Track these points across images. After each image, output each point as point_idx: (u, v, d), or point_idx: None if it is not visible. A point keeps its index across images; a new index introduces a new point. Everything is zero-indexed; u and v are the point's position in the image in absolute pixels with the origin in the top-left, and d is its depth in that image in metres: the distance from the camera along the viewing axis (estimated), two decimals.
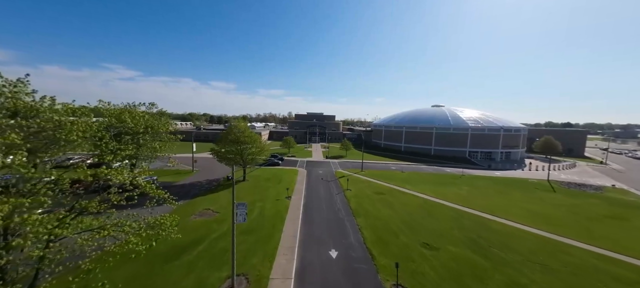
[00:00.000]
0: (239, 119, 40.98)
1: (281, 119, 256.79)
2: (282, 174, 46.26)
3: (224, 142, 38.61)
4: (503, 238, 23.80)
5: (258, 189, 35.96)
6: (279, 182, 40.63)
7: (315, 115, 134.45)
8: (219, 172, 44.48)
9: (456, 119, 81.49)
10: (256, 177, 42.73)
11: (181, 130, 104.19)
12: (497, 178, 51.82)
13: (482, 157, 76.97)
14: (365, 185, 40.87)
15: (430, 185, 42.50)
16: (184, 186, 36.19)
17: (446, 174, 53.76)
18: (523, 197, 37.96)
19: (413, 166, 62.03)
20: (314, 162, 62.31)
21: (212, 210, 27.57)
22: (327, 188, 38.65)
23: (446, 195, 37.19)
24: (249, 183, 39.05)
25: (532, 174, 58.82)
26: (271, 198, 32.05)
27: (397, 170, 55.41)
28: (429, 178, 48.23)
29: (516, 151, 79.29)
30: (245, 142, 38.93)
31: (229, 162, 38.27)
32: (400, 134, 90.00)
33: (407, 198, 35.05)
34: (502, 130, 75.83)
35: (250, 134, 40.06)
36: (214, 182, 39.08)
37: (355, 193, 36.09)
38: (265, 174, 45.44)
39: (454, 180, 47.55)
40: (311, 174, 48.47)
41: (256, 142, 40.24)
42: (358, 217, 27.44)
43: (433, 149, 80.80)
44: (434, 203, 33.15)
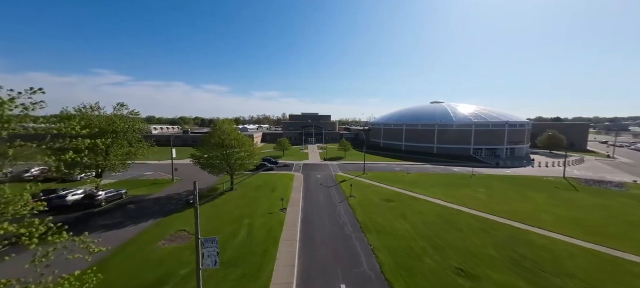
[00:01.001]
0: (225, 120, 35.41)
1: (275, 120, 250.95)
2: (276, 180, 41.10)
3: (207, 146, 33.23)
4: (549, 255, 19.32)
5: (247, 201, 30.73)
6: (272, 190, 35.47)
7: (310, 115, 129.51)
8: (204, 181, 39.01)
9: (458, 115, 77.80)
10: (246, 186, 37.45)
11: (165, 135, 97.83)
12: (510, 177, 47.84)
13: (486, 154, 73.42)
14: (371, 191, 36.10)
15: (442, 188, 38.05)
16: (158, 200, 30.64)
17: (455, 174, 49.53)
18: (548, 200, 33.83)
19: (418, 166, 57.68)
20: (310, 165, 57.31)
21: (188, 231, 22.24)
22: (327, 196, 33.71)
23: (463, 199, 32.76)
24: (236, 193, 33.75)
25: (544, 171, 55.21)
26: (262, 212, 26.90)
27: (402, 171, 50.91)
28: (439, 180, 43.84)
29: (521, 147, 76.04)
30: (232, 146, 33.67)
31: (212, 169, 32.93)
32: (400, 132, 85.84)
33: (420, 205, 30.41)
34: (507, 125, 72.42)
35: (237, 136, 34.82)
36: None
37: (361, 201, 31.28)
38: (256, 181, 40.19)
39: (465, 181, 43.29)
40: (309, 179, 43.47)
41: (245, 145, 35.00)
42: (368, 233, 22.58)
43: (435, 147, 76.88)
44: (453, 211, 28.59)
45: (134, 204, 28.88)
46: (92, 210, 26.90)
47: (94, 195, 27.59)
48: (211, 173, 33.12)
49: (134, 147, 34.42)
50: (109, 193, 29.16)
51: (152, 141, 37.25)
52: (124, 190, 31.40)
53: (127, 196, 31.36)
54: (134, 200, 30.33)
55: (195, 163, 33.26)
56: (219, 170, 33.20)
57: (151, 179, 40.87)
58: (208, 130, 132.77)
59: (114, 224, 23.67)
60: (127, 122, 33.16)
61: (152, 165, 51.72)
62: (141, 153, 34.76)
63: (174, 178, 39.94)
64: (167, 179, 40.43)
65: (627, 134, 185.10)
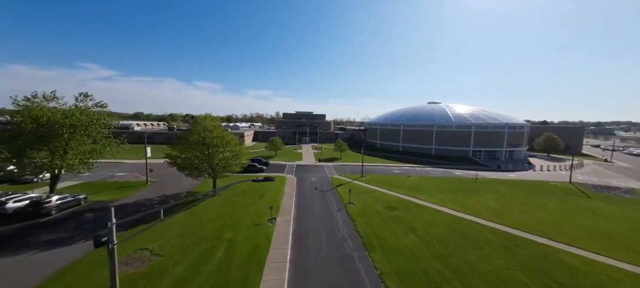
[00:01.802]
0: (207, 115, 30.97)
1: (269, 119, 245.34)
2: (266, 184, 36.92)
3: (185, 145, 28.80)
4: (590, 283, 16.07)
5: (231, 209, 26.53)
6: (260, 195, 31.35)
7: (305, 114, 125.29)
8: (183, 185, 34.51)
9: (458, 116, 75.38)
10: (231, 189, 33.18)
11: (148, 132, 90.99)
12: (516, 182, 45.21)
13: (485, 156, 71.23)
14: (371, 197, 32.48)
15: (448, 194, 34.81)
16: (124, 207, 26.04)
17: (458, 178, 46.57)
18: (563, 207, 31.05)
19: (418, 169, 54.54)
20: (305, 167, 53.33)
21: (150, 251, 17.92)
22: (323, 203, 29.87)
23: (473, 207, 29.56)
24: (219, 199, 29.47)
25: (547, 175, 53.07)
26: (247, 224, 22.80)
27: (402, 174, 47.61)
28: (442, 184, 40.68)
29: (520, 150, 74.25)
30: (215, 145, 29.38)
31: (191, 171, 28.55)
32: (397, 132, 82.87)
33: (428, 214, 26.96)
34: (507, 127, 70.41)
35: (221, 133, 30.52)
36: (172, 199, 29.15)
37: (361, 209, 27.59)
38: (244, 185, 35.90)
39: (470, 186, 40.28)
40: (302, 182, 39.51)
41: (230, 145, 30.77)
42: (373, 251, 18.86)
43: (434, 149, 74.21)
44: (466, 222, 25.24)
45: (93, 213, 24.25)
46: (38, 221, 22.16)
47: (41, 202, 22.83)
48: (190, 176, 28.73)
49: (99, 144, 29.66)
50: (63, 199, 24.41)
51: (123, 138, 32.47)
52: (83, 196, 26.63)
53: (87, 202, 26.60)
54: (94, 207, 25.64)
55: (171, 164, 28.76)
56: (199, 173, 28.85)
57: (122, 181, 35.98)
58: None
59: (60, 240, 19.11)
60: (90, 116, 28.35)
61: (128, 165, 46.61)
62: (108, 152, 30.01)
63: (148, 180, 35.19)
64: (140, 181, 35.64)
65: (613, 138, 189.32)
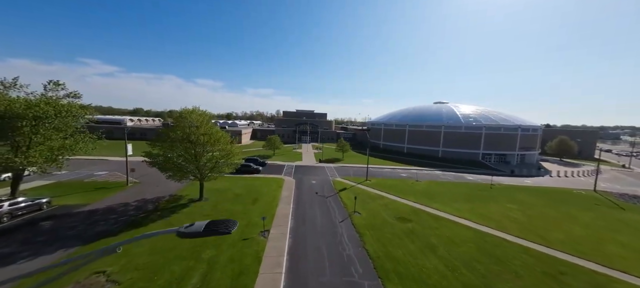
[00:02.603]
0: (194, 109, 27.08)
1: (269, 117, 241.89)
2: (261, 187, 33.26)
3: (166, 142, 25.04)
4: None
5: (217, 216, 22.81)
6: (253, 201, 27.63)
7: (306, 112, 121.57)
8: (167, 187, 30.79)
9: (467, 116, 71.48)
10: (222, 193, 29.49)
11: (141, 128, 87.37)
12: (536, 189, 41.38)
13: (495, 159, 67.38)
14: (379, 204, 28.72)
15: (465, 203, 31.05)
16: (93, 213, 22.35)
17: (471, 184, 42.78)
18: (599, 221, 27.25)
19: (426, 172, 50.76)
20: (304, 168, 49.60)
21: (108, 275, 14.18)
22: (325, 211, 26.14)
23: (496, 219, 25.80)
24: (206, 205, 25.75)
25: (565, 182, 49.21)
26: (234, 238, 19.08)
27: (410, 178, 43.84)
28: (456, 191, 36.88)
29: (532, 153, 70.32)
30: (203, 143, 25.62)
31: (174, 173, 24.83)
32: (402, 133, 79.03)
33: (447, 228, 23.19)
34: (520, 129, 66.49)
35: (211, 130, 26.75)
36: (151, 204, 25.43)
37: (369, 220, 23.85)
38: (237, 187, 32.24)
39: (487, 193, 36.49)
40: (301, 186, 35.77)
41: (220, 142, 27.01)
42: (387, 279, 15.13)
43: (441, 151, 70.34)
44: (493, 239, 21.46)
45: (53, 221, 20.57)
46: None
47: None
48: (172, 178, 24.99)
49: (70, 140, 25.95)
50: (17, 204, 20.73)
51: (100, 132, 28.82)
52: (47, 199, 22.94)
53: (50, 207, 22.90)
54: (57, 213, 21.96)
55: (150, 164, 25.02)
56: (183, 175, 25.10)
57: (100, 182, 32.32)
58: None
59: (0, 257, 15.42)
60: (58, 107, 24.62)
61: (112, 163, 42.91)
62: (80, 148, 26.30)
63: (128, 181, 31.48)
64: (121, 182, 31.96)
65: (621, 143, 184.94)
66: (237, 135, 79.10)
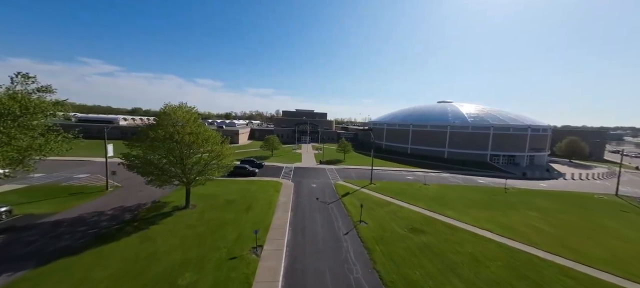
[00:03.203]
0: (181, 105, 23.98)
1: (269, 117, 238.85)
2: (257, 192, 30.27)
3: (145, 143, 21.98)
4: None
5: (203, 229, 19.82)
6: (247, 208, 24.64)
7: (305, 111, 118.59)
8: (152, 192, 27.71)
9: (474, 116, 68.55)
10: (212, 199, 26.50)
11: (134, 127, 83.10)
12: (553, 194, 38.46)
13: (504, 161, 64.45)
14: (387, 212, 25.75)
15: (481, 210, 28.10)
16: (59, 224, 19.34)
17: (483, 187, 39.86)
18: (635, 233, 24.31)
19: (433, 174, 47.82)
20: (304, 170, 46.62)
21: None
22: (327, 221, 23.16)
23: (521, 231, 22.87)
24: (192, 214, 22.74)
25: (581, 185, 46.34)
26: (221, 256, 16.10)
27: (417, 181, 40.89)
28: (468, 195, 33.95)
29: (542, 155, 67.41)
30: (188, 143, 22.57)
31: (156, 178, 21.80)
32: (406, 133, 76.07)
33: (467, 242, 20.23)
34: (530, 129, 63.57)
35: (198, 129, 23.71)
36: (129, 213, 22.41)
37: (377, 232, 20.89)
38: (229, 192, 29.25)
39: (502, 198, 33.56)
40: (301, 190, 32.80)
41: (209, 143, 23.98)
42: None
43: (446, 152, 67.37)
44: (523, 256, 18.49)
45: (9, 234, 17.56)
46: None
47: None
48: (153, 183, 21.96)
49: (40, 140, 22.92)
50: None
51: (76, 131, 25.79)
52: (6, 208, 19.95)
53: (10, 217, 19.89)
54: (17, 225, 18.95)
55: (128, 167, 21.99)
56: (166, 179, 22.07)
57: (78, 186, 29.29)
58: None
59: None
60: (26, 103, 21.61)
61: (97, 165, 39.82)
62: (52, 149, 23.26)
63: (109, 185, 28.42)
64: (101, 186, 28.94)
65: (625, 144, 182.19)
66: (234, 135, 76.11)
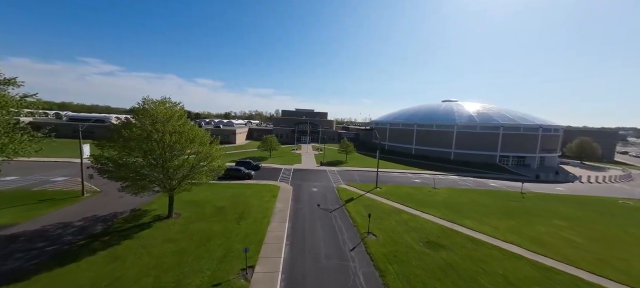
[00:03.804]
0: (163, 100, 20.93)
1: (268, 117, 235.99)
2: (251, 197, 27.31)
3: (118, 144, 18.92)
4: None
5: (184, 245, 16.86)
6: (239, 217, 21.68)
7: (305, 111, 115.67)
8: (133, 198, 24.71)
9: (482, 115, 65.60)
10: (199, 207, 23.53)
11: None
12: (575, 199, 35.51)
13: (513, 162, 61.50)
14: (398, 222, 22.78)
15: (502, 219, 25.15)
16: (14, 239, 16.36)
17: (497, 191, 36.92)
18: None
19: (441, 177, 44.85)
20: (304, 172, 43.66)
21: None
22: (330, 232, 20.20)
23: (552, 244, 19.93)
24: (174, 225, 19.77)
25: (599, 189, 43.37)
26: (201, 282, 13.13)
27: (425, 185, 37.94)
28: (483, 201, 31.01)
29: (553, 156, 64.48)
30: (169, 144, 19.50)
31: (132, 183, 18.82)
32: (410, 133, 73.14)
33: (494, 258, 17.28)
34: (541, 129, 60.61)
35: (182, 127, 20.70)
36: (101, 224, 19.44)
37: (389, 247, 17.93)
38: (220, 198, 26.29)
39: (521, 205, 30.62)
40: (300, 195, 29.84)
41: (196, 143, 20.98)
42: None
43: (453, 153, 64.41)
44: (563, 277, 15.54)
45: None
46: None
47: None
48: (128, 190, 18.97)
49: (1, 139, 19.98)
50: None
51: (46, 130, 22.84)
52: None
53: None
54: None
55: (100, 172, 18.96)
56: (144, 185, 19.05)
57: (52, 191, 26.33)
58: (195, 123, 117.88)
59: None
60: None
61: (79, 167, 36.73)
62: (14, 149, 20.31)
63: (85, 190, 25.42)
64: (77, 191, 25.96)
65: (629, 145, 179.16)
66: (230, 134, 73.20)
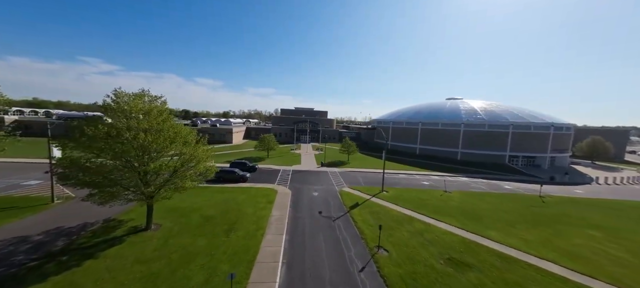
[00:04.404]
0: (139, 93, 17.79)
1: (268, 116, 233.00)
2: (244, 204, 24.35)
3: (80, 142, 15.85)
4: None
5: (160, 265, 13.91)
6: (228, 229, 18.71)
7: (305, 110, 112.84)
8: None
9: (490, 113, 62.76)
10: (184, 214, 20.58)
11: None
12: (600, 202, 32.64)
13: (523, 162, 58.68)
14: (412, 233, 19.85)
15: (529, 228, 22.27)
16: None
17: (514, 195, 34.05)
18: None
19: (450, 179, 41.93)
20: (303, 173, 40.71)
21: None
22: (334, 247, 17.26)
23: (593, 261, 17.06)
24: (154, 238, 16.80)
25: (619, 191, 40.54)
26: None
27: (435, 188, 35.04)
28: (502, 207, 28.11)
29: (564, 156, 61.64)
30: (144, 143, 16.41)
31: (99, 191, 15.82)
32: (414, 132, 70.25)
33: (533, 281, 14.37)
34: (553, 128, 57.73)
35: (162, 124, 17.65)
36: (64, 239, 16.46)
37: (406, 267, 15.01)
38: (209, 205, 23.32)
39: (545, 210, 27.75)
40: (299, 200, 26.90)
41: (176, 142, 17.95)
42: None
43: (460, 152, 61.57)
44: None
45: None
46: None
47: None
48: (94, 200, 15.97)
49: None
50: None
51: (10, 128, 19.93)
52: None
53: None
54: None
55: (58, 177, 15.92)
56: (114, 194, 16.03)
57: (18, 197, 23.30)
58: (190, 122, 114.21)
59: None
60: None
61: None
62: None
63: (54, 197, 22.33)
64: (47, 197, 22.90)
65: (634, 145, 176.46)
66: (227, 133, 70.21)
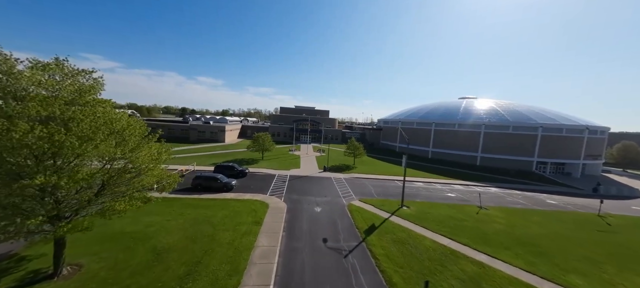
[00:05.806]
0: (55, 63, 10.99)
1: (267, 115, 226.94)
2: (222, 225, 17.78)
3: None
4: None
5: None
6: (188, 272, 12.12)
7: (306, 108, 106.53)
8: None
9: (514, 113, 56.00)
10: (126, 244, 14.04)
11: None
12: None
13: (551, 170, 51.94)
14: (465, 282, 13.23)
15: (619, 269, 15.67)
16: None
17: (564, 213, 27.45)
18: None
19: (478, 188, 35.18)
20: (303, 180, 34.08)
21: None
22: None
23: None
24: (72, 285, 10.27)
25: None
26: None
27: (467, 203, 28.43)
28: (563, 232, 21.47)
29: (596, 163, 54.84)
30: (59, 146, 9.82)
31: None
32: (426, 133, 63.58)
33: None
34: (587, 131, 50.95)
35: (80, 113, 10.98)
36: None
37: None
38: (170, 227, 16.77)
39: (619, 238, 21.11)
40: (297, 220, 20.29)
41: (95, 140, 11.34)
42: None
43: (479, 157, 54.84)
44: None
45: None
46: None
47: None
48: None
49: None
50: None
51: None
52: None
53: None
54: None
55: None
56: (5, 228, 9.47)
57: None
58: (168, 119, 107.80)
59: None
60: None
61: None
62: None
63: None
64: None
65: None
66: (218, 131, 63.79)
